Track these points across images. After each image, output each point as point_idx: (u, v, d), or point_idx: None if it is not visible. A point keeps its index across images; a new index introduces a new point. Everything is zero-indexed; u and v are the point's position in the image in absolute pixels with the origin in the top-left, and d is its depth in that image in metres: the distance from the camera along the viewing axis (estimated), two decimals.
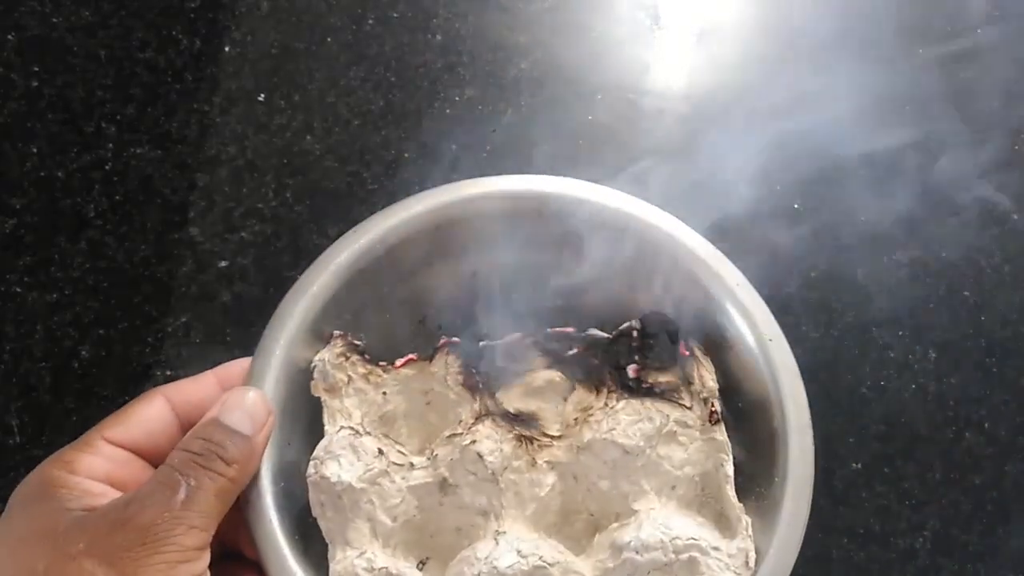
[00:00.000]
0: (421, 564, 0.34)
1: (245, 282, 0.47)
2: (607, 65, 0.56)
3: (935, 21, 0.58)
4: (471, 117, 0.53)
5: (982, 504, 0.45)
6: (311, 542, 0.33)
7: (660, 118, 0.54)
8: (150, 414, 0.32)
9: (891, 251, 0.50)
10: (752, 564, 0.33)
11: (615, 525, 0.34)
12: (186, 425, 0.32)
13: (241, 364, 0.34)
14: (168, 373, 0.45)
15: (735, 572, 0.32)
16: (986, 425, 0.46)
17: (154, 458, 0.32)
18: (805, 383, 0.35)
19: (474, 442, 0.34)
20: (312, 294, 0.35)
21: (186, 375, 0.44)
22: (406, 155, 0.51)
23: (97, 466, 0.31)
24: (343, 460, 0.33)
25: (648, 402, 0.35)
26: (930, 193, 0.51)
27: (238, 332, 0.46)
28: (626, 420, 0.34)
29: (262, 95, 0.53)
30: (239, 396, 0.32)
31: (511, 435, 0.34)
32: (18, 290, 0.47)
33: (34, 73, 0.53)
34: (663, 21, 0.58)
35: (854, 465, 0.45)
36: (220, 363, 0.45)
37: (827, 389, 0.44)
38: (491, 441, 0.34)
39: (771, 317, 0.36)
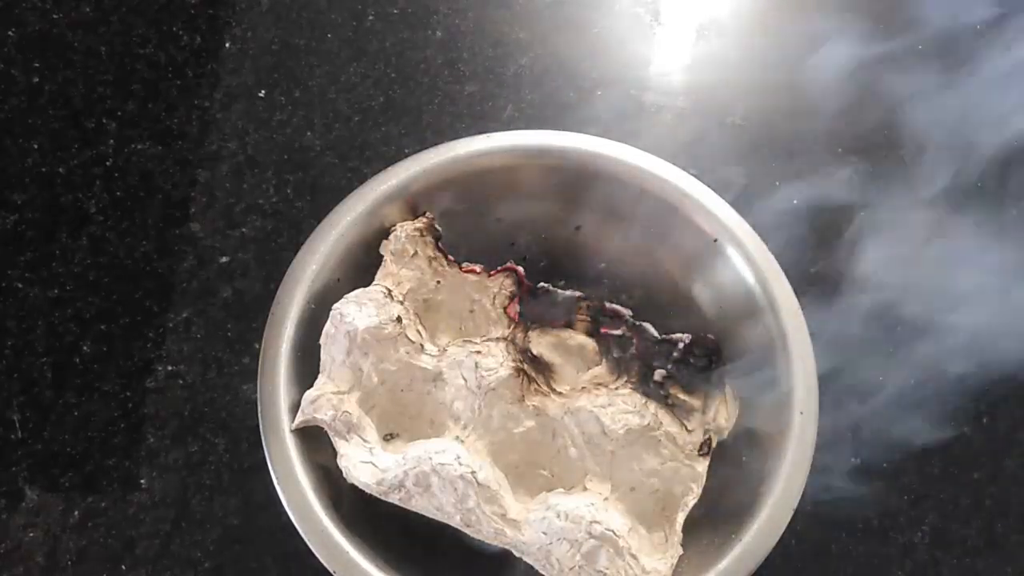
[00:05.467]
0: (389, 436, 0.36)
1: (246, 278, 0.47)
2: (607, 61, 0.56)
3: (935, 16, 0.58)
4: (471, 113, 0.53)
5: (981, 499, 0.45)
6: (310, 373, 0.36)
7: (660, 114, 0.54)
8: None
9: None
10: None
11: (561, 490, 0.35)
12: None
13: None
14: (169, 368, 0.45)
15: None
16: (985, 420, 0.46)
17: None
18: None
19: (479, 352, 0.35)
20: (412, 176, 0.39)
21: (187, 370, 0.45)
22: (406, 151, 0.51)
23: None
24: (364, 309, 0.36)
25: (652, 404, 0.35)
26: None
27: (239, 327, 0.46)
28: (620, 406, 0.35)
29: (263, 91, 0.53)
30: None
31: (514, 365, 0.35)
32: (19, 286, 0.47)
33: (35, 69, 0.53)
34: (663, 17, 0.58)
35: (852, 460, 0.45)
36: (221, 358, 0.45)
37: (825, 385, 0.44)
38: (494, 360, 0.35)
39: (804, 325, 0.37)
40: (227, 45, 0.54)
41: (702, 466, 0.35)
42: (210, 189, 0.50)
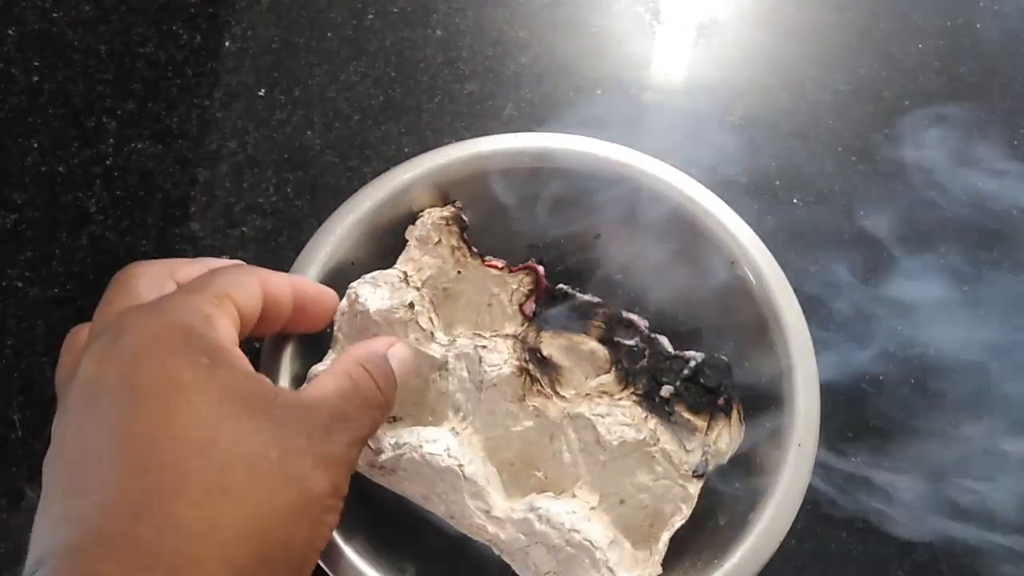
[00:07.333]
0: (392, 418, 0.36)
1: None
2: (607, 60, 0.56)
3: (935, 15, 0.58)
4: (471, 112, 0.53)
5: (981, 499, 0.45)
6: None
7: (660, 113, 0.54)
8: (253, 285, 0.30)
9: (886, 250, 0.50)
10: None
11: (550, 493, 0.35)
12: (266, 307, 0.31)
13: (316, 285, 0.35)
14: None
15: None
16: (984, 420, 0.46)
17: (243, 328, 0.29)
18: None
19: (484, 347, 0.35)
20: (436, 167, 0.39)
21: None
22: (406, 150, 0.51)
23: (228, 328, 0.28)
24: (379, 291, 0.35)
25: (653, 419, 0.35)
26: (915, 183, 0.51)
27: None
28: (618, 417, 0.34)
29: (262, 90, 0.53)
30: (405, 349, 0.33)
31: (518, 364, 0.35)
32: (19, 285, 0.47)
33: (35, 68, 0.53)
34: (663, 16, 0.58)
35: (853, 459, 0.45)
36: None
37: (825, 384, 0.44)
38: (498, 356, 0.35)
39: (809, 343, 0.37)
40: (227, 44, 0.54)
41: (695, 488, 0.34)
42: (210, 188, 0.50)
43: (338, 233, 0.37)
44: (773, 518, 0.33)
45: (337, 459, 0.27)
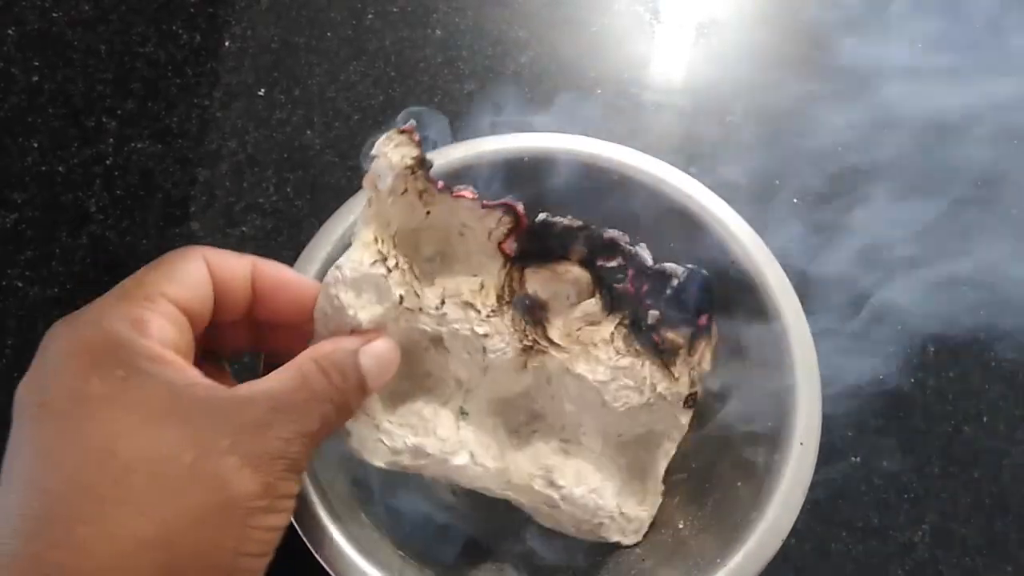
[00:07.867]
0: None
1: None
2: (606, 59, 0.56)
3: (937, 16, 0.58)
4: (471, 112, 0.53)
5: (980, 498, 0.45)
6: None
7: (659, 112, 0.54)
8: (196, 274, 0.28)
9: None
10: (641, 534, 0.36)
11: (556, 444, 0.36)
12: (218, 294, 0.29)
13: (276, 267, 0.31)
14: None
15: (623, 535, 0.36)
16: (984, 419, 0.46)
17: (193, 321, 0.28)
18: None
19: (486, 335, 0.34)
20: None
21: None
22: None
23: (164, 329, 0.26)
24: (364, 296, 0.32)
25: (647, 366, 0.35)
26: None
27: None
28: (624, 382, 0.35)
29: (262, 90, 0.53)
30: (384, 346, 0.31)
31: (521, 346, 0.35)
32: (19, 285, 0.47)
33: (35, 68, 0.53)
34: (663, 15, 0.58)
35: (853, 459, 0.45)
36: None
37: (825, 384, 0.44)
38: (501, 340, 0.35)
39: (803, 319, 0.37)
40: (227, 44, 0.54)
41: (685, 418, 0.36)
42: (210, 188, 0.50)
43: (338, 233, 0.37)
44: (775, 518, 0.33)
45: (271, 456, 0.25)
